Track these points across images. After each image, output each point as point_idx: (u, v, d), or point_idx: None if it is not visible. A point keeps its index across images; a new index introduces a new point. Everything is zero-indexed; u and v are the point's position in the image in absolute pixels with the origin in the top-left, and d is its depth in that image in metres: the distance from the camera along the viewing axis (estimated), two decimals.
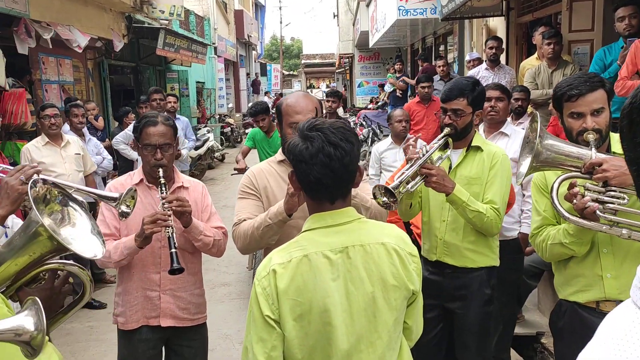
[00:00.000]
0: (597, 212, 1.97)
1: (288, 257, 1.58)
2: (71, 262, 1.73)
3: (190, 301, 2.71)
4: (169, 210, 2.46)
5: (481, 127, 3.81)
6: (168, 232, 2.42)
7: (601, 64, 4.81)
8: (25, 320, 1.18)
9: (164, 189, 2.52)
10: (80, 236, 1.69)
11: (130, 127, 6.28)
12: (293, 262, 1.56)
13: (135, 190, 2.42)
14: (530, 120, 2.22)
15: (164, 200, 2.48)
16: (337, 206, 1.62)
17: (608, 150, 2.26)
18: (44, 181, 1.64)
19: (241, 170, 5.67)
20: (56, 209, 1.69)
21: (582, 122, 2.17)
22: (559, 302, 2.40)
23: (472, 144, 2.80)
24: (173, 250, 2.39)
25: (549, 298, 4.40)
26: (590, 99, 2.17)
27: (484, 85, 3.11)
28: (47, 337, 1.44)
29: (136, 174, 2.73)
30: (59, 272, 1.68)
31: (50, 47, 7.23)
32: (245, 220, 2.32)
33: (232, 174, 6.01)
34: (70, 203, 1.73)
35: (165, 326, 2.65)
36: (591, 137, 2.13)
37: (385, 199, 2.35)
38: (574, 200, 2.03)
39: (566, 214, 2.06)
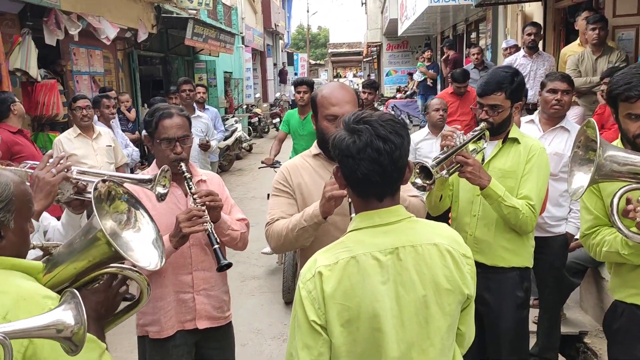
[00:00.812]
0: None
1: (334, 258, 1.47)
2: (129, 266, 1.65)
3: (222, 299, 2.62)
4: (202, 205, 2.34)
5: (535, 116, 3.61)
6: (207, 228, 2.31)
7: None
8: (64, 314, 1.13)
9: (190, 183, 2.40)
10: (142, 243, 1.62)
11: None
12: (340, 263, 1.46)
13: (169, 169, 2.30)
14: (584, 126, 2.01)
15: (195, 196, 2.36)
16: (385, 204, 1.51)
17: None
18: (104, 180, 1.57)
19: (269, 162, 5.57)
20: (122, 208, 1.61)
21: None
22: (614, 303, 2.27)
23: (509, 136, 2.66)
24: (217, 246, 2.28)
25: (592, 296, 4.23)
26: None
27: (540, 74, 2.92)
28: (104, 345, 1.38)
29: (151, 172, 2.55)
30: (118, 275, 1.62)
31: (76, 39, 7.24)
32: (278, 219, 2.24)
33: (259, 167, 5.93)
34: (140, 208, 1.67)
35: (202, 328, 2.54)
36: None
37: (419, 180, 2.22)
38: (637, 219, 1.87)
39: (627, 232, 1.91)
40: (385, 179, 1.46)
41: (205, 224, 2.30)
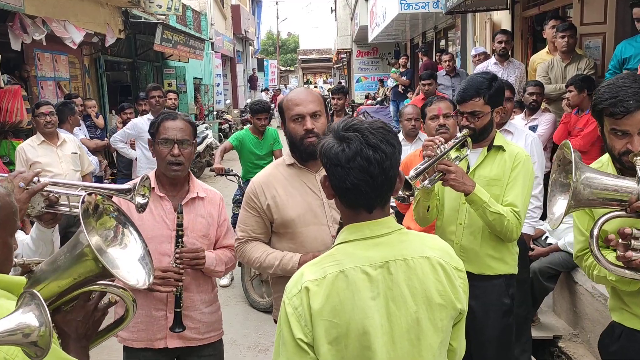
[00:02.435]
0: None
1: (322, 272, 1.40)
2: (113, 283, 1.57)
3: (200, 320, 2.49)
4: (182, 266, 2.34)
5: None
6: (176, 291, 2.32)
7: (615, 61, 4.65)
8: (26, 317, 1.04)
9: (180, 240, 2.34)
10: (128, 260, 1.54)
11: (129, 125, 6.10)
12: (328, 278, 1.39)
13: (148, 178, 2.21)
14: (560, 147, 1.88)
15: (177, 255, 2.33)
16: (375, 215, 1.45)
17: None
18: (90, 193, 1.50)
19: (219, 171, 5.53)
20: (109, 224, 1.54)
21: (627, 141, 1.85)
22: (612, 324, 2.16)
23: (494, 144, 2.64)
24: (180, 309, 2.33)
25: (565, 300, 4.27)
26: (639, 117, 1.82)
27: None
28: None
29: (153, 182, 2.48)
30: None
31: (44, 43, 7.02)
32: (248, 240, 2.33)
33: (214, 175, 5.93)
34: (129, 225, 1.60)
35: (172, 347, 2.44)
36: (638, 159, 1.81)
37: (399, 191, 2.20)
38: (618, 252, 1.77)
39: (608, 265, 1.80)
40: (375, 190, 1.41)
41: (177, 287, 2.32)
